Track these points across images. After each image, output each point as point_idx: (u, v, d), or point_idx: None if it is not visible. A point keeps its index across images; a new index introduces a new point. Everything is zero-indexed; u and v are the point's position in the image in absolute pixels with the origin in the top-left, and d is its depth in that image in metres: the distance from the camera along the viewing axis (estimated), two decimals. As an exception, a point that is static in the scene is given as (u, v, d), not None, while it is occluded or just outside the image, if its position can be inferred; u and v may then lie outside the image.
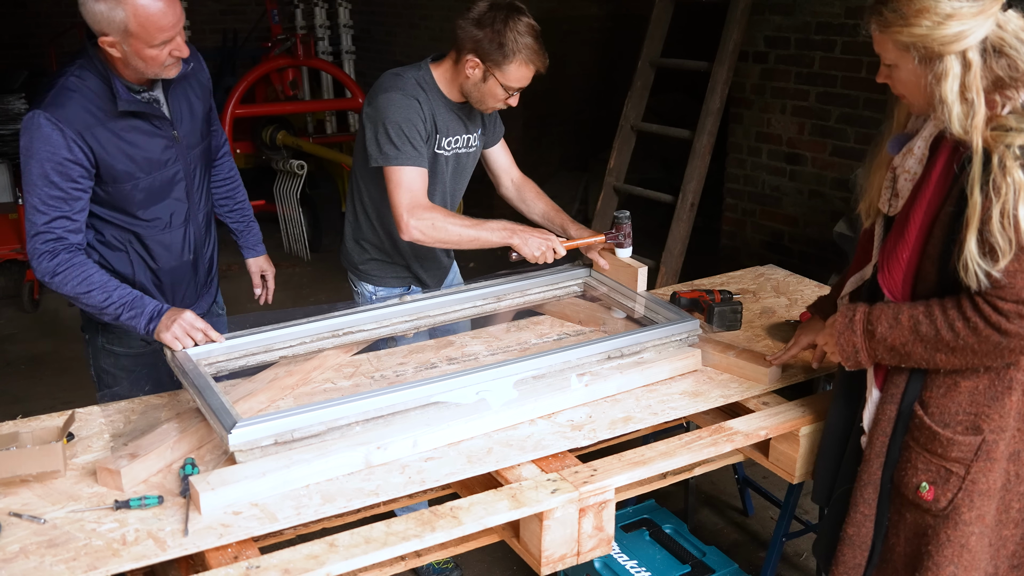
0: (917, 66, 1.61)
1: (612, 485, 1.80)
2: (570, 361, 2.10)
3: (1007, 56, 1.56)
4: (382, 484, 1.74)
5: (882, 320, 1.71)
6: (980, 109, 1.56)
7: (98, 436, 1.94)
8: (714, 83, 4.43)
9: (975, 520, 1.66)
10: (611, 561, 2.58)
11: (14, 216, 5.28)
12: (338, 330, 2.27)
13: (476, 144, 2.60)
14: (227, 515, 1.63)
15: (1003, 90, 1.58)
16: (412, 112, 2.36)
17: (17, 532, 1.59)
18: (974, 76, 1.56)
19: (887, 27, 1.61)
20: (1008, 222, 1.51)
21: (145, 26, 1.93)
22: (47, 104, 2.00)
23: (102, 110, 2.04)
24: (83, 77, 2.04)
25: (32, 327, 5.07)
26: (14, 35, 7.12)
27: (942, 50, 1.56)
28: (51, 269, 2.05)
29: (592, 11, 7.18)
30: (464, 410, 1.92)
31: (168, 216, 2.24)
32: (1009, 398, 1.63)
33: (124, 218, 2.19)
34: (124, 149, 2.09)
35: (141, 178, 2.14)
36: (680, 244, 4.67)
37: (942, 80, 1.57)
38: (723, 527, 3.19)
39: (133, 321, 2.06)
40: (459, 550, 1.90)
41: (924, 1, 1.55)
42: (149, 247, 2.24)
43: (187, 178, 2.26)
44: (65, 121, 1.99)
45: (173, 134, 2.18)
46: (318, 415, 1.82)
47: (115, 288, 2.07)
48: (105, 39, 1.96)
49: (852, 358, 1.77)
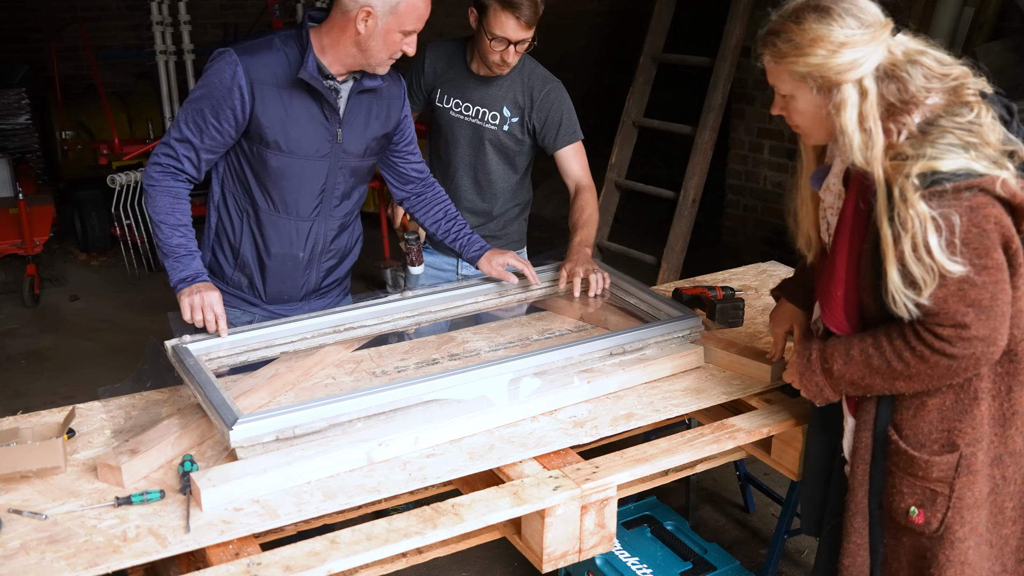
0: (815, 96, 1.61)
1: (614, 482, 1.79)
2: (572, 357, 2.10)
3: (898, 80, 1.56)
4: (384, 481, 1.73)
5: (836, 357, 1.70)
6: (878, 139, 1.55)
7: (99, 432, 1.93)
8: (716, 79, 4.43)
9: (969, 535, 1.64)
10: (613, 558, 2.57)
11: (14, 211, 5.28)
12: (339, 326, 2.26)
13: (507, 127, 2.69)
14: (228, 511, 1.63)
15: (897, 116, 1.57)
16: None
17: (17, 528, 1.58)
18: (871, 104, 1.55)
19: (782, 58, 1.60)
20: (923, 252, 1.49)
21: (408, 10, 2.04)
22: (243, 48, 2.11)
23: (285, 74, 2.11)
24: (286, 43, 2.13)
25: (33, 322, 5.06)
26: (14, 29, 7.10)
27: (838, 79, 1.56)
28: (154, 180, 2.15)
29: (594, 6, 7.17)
30: (466, 406, 1.91)
31: (293, 203, 2.24)
32: (978, 408, 1.62)
33: (253, 185, 2.22)
34: (282, 119, 2.13)
35: (282, 151, 2.16)
36: (682, 240, 4.67)
37: (841, 110, 1.56)
38: (724, 524, 3.19)
39: (172, 272, 2.14)
40: (461, 547, 1.89)
41: (817, 30, 1.55)
42: (263, 224, 2.25)
43: (330, 179, 2.25)
44: (245, 66, 2.07)
45: (336, 131, 2.19)
46: (319, 411, 1.81)
47: (182, 236, 2.15)
48: (364, 10, 2.01)
49: (819, 396, 1.77)
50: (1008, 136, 1.56)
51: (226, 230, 2.29)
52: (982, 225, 1.50)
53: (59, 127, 6.14)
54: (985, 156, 1.51)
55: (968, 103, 1.55)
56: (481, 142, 2.72)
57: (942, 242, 1.49)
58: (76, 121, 6.26)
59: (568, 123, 2.72)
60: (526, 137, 2.73)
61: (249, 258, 2.29)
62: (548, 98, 2.68)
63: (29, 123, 6.36)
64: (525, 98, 2.68)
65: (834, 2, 1.57)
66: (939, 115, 1.55)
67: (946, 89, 1.57)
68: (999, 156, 1.52)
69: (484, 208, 2.83)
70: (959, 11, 3.87)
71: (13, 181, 5.44)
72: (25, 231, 5.25)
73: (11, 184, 5.43)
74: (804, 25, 1.56)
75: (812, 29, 1.55)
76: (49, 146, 6.49)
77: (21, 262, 5.39)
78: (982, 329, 1.53)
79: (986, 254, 1.50)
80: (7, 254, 5.36)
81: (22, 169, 5.99)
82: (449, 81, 2.71)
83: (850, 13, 1.56)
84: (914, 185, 1.49)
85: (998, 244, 1.52)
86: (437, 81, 2.73)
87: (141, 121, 6.26)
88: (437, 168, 2.83)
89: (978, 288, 1.51)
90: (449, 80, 2.71)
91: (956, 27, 3.88)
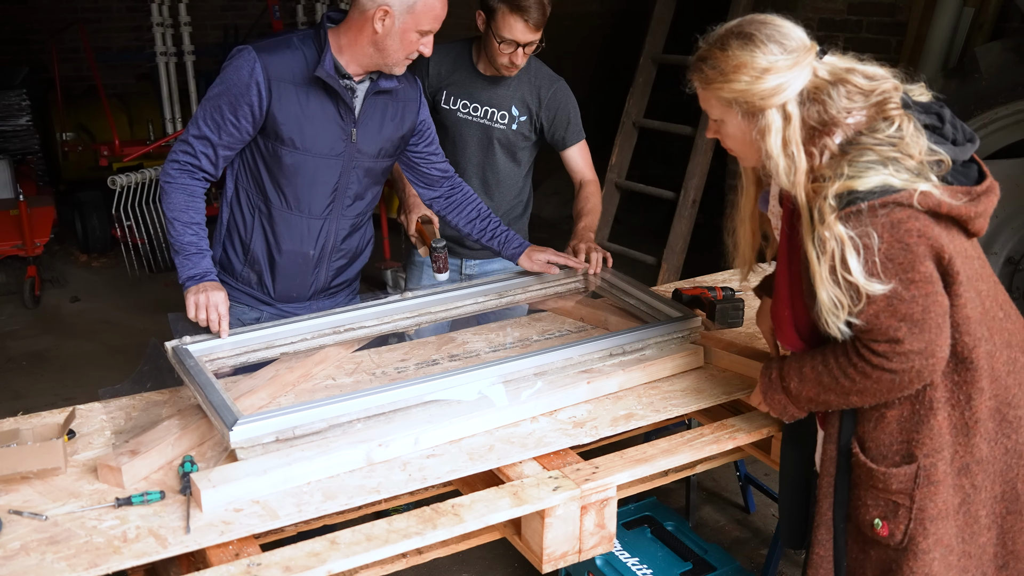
0: (742, 121, 1.63)
1: (614, 483, 1.79)
2: (572, 358, 2.10)
3: (820, 103, 1.57)
4: (383, 481, 1.73)
5: (792, 376, 1.72)
6: (801, 163, 1.57)
7: (99, 433, 1.93)
8: (716, 79, 4.42)
9: (933, 546, 1.63)
10: (613, 559, 2.58)
11: (15, 212, 5.28)
12: (339, 326, 2.26)
13: (516, 126, 2.71)
14: (228, 512, 1.63)
15: (819, 139, 1.58)
16: None
17: (18, 529, 1.58)
18: (794, 129, 1.57)
19: (708, 84, 1.63)
20: (842, 274, 1.51)
21: (425, 10, 2.04)
22: (262, 46, 2.12)
23: (303, 72, 2.12)
24: (304, 42, 2.14)
25: (33, 323, 5.06)
26: (14, 31, 7.11)
27: (762, 104, 1.58)
28: (171, 177, 2.17)
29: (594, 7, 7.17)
30: (466, 407, 1.92)
31: (305, 201, 2.24)
32: (935, 419, 1.62)
33: (266, 182, 2.23)
34: (298, 116, 2.14)
35: (296, 149, 2.17)
36: (682, 241, 4.67)
37: (766, 135, 1.59)
38: (725, 524, 3.19)
39: (181, 269, 2.15)
40: (461, 547, 1.89)
41: (741, 56, 1.57)
42: (275, 221, 2.26)
43: (343, 178, 2.25)
44: (263, 64, 2.09)
45: (351, 131, 2.20)
46: (320, 412, 1.82)
47: (194, 234, 2.16)
48: (382, 7, 2.02)
49: (784, 413, 1.79)
50: (932, 147, 1.56)
51: (238, 226, 2.30)
52: (904, 240, 1.50)
53: (60, 129, 6.15)
54: (906, 169, 1.52)
55: (890, 117, 1.56)
56: (490, 142, 2.75)
57: (861, 262, 1.50)
58: (77, 123, 6.26)
59: (576, 121, 2.77)
60: (533, 134, 2.77)
61: (260, 254, 2.30)
62: (556, 97, 2.72)
63: (30, 125, 6.37)
64: (533, 97, 2.71)
65: (757, 29, 1.59)
66: (860, 132, 1.57)
67: (870, 105, 1.58)
68: (921, 167, 1.53)
69: (491, 207, 2.84)
70: (959, 11, 3.87)
71: (14, 182, 5.44)
72: (26, 232, 5.26)
73: (12, 185, 5.43)
74: (728, 52, 1.59)
75: (736, 56, 1.58)
76: (50, 148, 6.49)
77: (22, 263, 5.40)
78: (916, 342, 1.54)
79: (912, 268, 1.51)
80: (8, 255, 5.36)
81: (23, 171, 5.99)
82: (455, 83, 2.72)
83: (773, 39, 1.57)
84: (831, 207, 1.51)
85: (925, 257, 1.52)
86: (443, 83, 2.74)
87: (142, 123, 6.27)
88: None
89: (907, 303, 1.52)
90: (455, 82, 2.72)
91: (956, 27, 3.88)
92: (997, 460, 1.66)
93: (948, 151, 1.58)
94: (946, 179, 1.56)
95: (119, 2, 7.32)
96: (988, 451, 1.64)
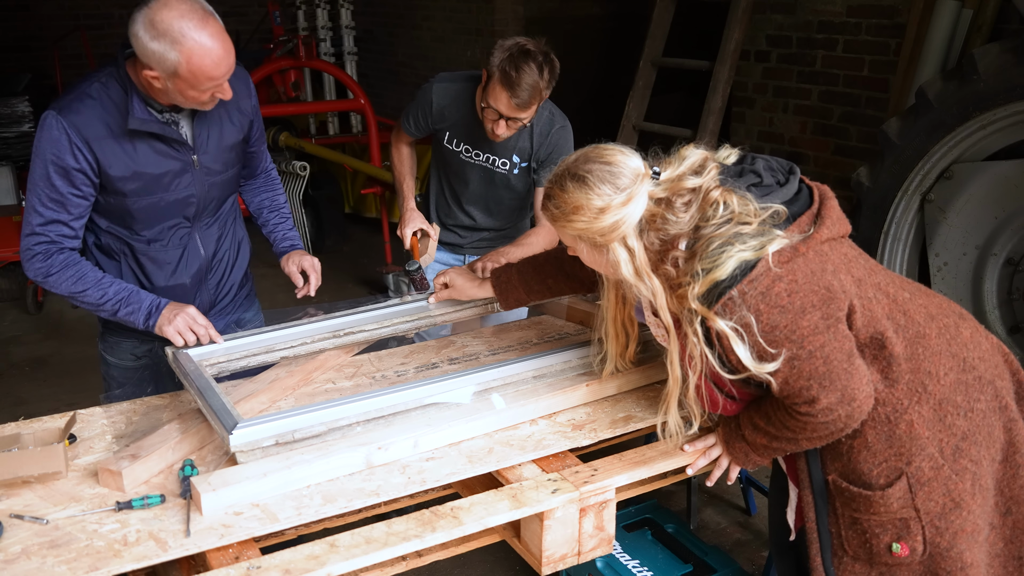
0: (591, 252, 1.67)
1: (613, 485, 1.80)
2: (571, 360, 2.10)
3: (658, 229, 1.59)
4: (383, 484, 1.74)
5: (746, 425, 1.77)
6: (658, 288, 1.61)
7: (100, 437, 1.94)
8: (716, 82, 4.43)
9: (954, 541, 1.64)
10: (613, 561, 2.58)
11: (18, 219, 5.29)
12: (339, 330, 2.27)
13: (516, 171, 2.73)
14: (228, 515, 1.63)
15: (666, 256, 1.60)
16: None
17: (19, 533, 1.59)
18: (640, 259, 1.60)
19: (555, 221, 1.68)
20: (733, 362, 1.56)
21: (196, 74, 1.89)
22: (63, 107, 1.98)
23: (117, 122, 2.00)
24: (107, 86, 2.01)
25: (36, 329, 5.08)
26: (17, 38, 7.14)
27: (604, 240, 1.61)
28: (44, 270, 2.05)
29: (594, 11, 7.18)
30: (465, 410, 1.92)
31: (167, 236, 2.18)
32: (899, 427, 1.63)
33: (121, 230, 2.15)
34: (130, 165, 2.03)
35: (143, 196, 2.08)
36: (682, 243, 4.67)
37: (617, 267, 1.63)
38: (726, 526, 3.19)
39: (131, 316, 2.06)
40: (460, 550, 1.90)
41: (577, 199, 1.60)
42: (141, 262, 2.19)
43: (199, 203, 2.18)
44: (75, 127, 1.96)
45: (192, 159, 2.11)
46: (319, 415, 1.82)
47: (110, 284, 2.06)
48: (149, 72, 1.90)
49: (746, 461, 1.82)
50: (762, 205, 1.58)
51: (109, 273, 2.16)
52: (779, 304, 1.52)
53: (62, 135, 6.15)
54: (750, 238, 1.54)
55: (714, 201, 1.58)
56: (492, 180, 2.77)
57: (747, 347, 1.53)
58: (78, 129, 6.27)
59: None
60: (532, 174, 2.77)
61: None
62: (551, 139, 2.70)
63: (32, 131, 6.39)
64: (531, 144, 2.70)
65: (589, 171, 1.60)
66: (698, 227, 1.59)
67: (699, 201, 1.60)
68: (763, 228, 1.55)
69: (494, 225, 2.91)
70: (957, 13, 3.87)
71: (16, 189, 5.46)
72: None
73: (14, 192, 5.44)
74: (566, 193, 1.62)
75: (573, 197, 1.61)
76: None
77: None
78: (830, 396, 1.56)
79: (796, 326, 1.52)
80: (10, 262, 5.38)
81: (25, 177, 6.00)
82: (457, 125, 2.70)
83: (605, 180, 1.59)
84: (703, 308, 1.53)
85: (808, 307, 1.53)
86: (445, 123, 2.71)
87: (143, 128, 6.28)
88: (446, 194, 2.87)
89: (806, 360, 1.54)
90: (457, 124, 2.70)
91: (955, 29, 3.89)
92: (980, 425, 1.66)
93: (778, 197, 1.62)
94: (790, 217, 1.60)
95: (121, 8, 7.34)
96: (967, 423, 1.65)
